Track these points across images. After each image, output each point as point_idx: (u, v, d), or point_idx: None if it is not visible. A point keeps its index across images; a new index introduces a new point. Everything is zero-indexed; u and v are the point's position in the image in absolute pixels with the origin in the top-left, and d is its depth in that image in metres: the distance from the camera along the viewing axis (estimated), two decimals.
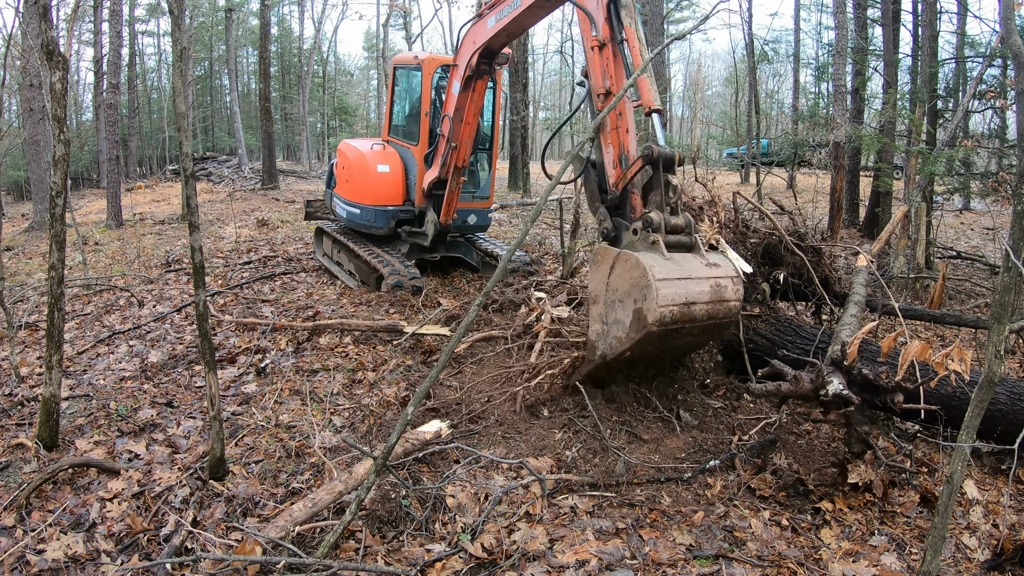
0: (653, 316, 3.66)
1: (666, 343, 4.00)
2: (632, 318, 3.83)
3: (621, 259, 3.93)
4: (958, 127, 10.76)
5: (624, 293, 3.90)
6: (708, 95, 50.53)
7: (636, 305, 3.78)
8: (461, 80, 6.98)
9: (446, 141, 7.41)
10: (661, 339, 3.85)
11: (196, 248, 3.55)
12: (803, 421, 4.63)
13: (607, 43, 4.61)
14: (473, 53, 6.69)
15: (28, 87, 14.23)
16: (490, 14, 6.30)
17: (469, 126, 7.31)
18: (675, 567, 3.11)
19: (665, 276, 3.73)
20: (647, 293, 3.69)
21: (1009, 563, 3.12)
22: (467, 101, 7.12)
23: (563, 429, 4.34)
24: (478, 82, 7.02)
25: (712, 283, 3.92)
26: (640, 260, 3.79)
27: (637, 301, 3.78)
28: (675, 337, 3.92)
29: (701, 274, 3.92)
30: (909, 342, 3.85)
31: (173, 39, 4.02)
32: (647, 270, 3.71)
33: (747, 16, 21.02)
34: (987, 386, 2.55)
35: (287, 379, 5.33)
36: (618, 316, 3.95)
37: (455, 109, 7.18)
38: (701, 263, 4.00)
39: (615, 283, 3.97)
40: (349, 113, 42.03)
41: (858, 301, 5.00)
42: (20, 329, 6.64)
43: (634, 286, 3.81)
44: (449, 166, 7.52)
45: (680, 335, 3.93)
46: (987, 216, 15.44)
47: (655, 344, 3.93)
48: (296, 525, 3.20)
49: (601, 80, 4.62)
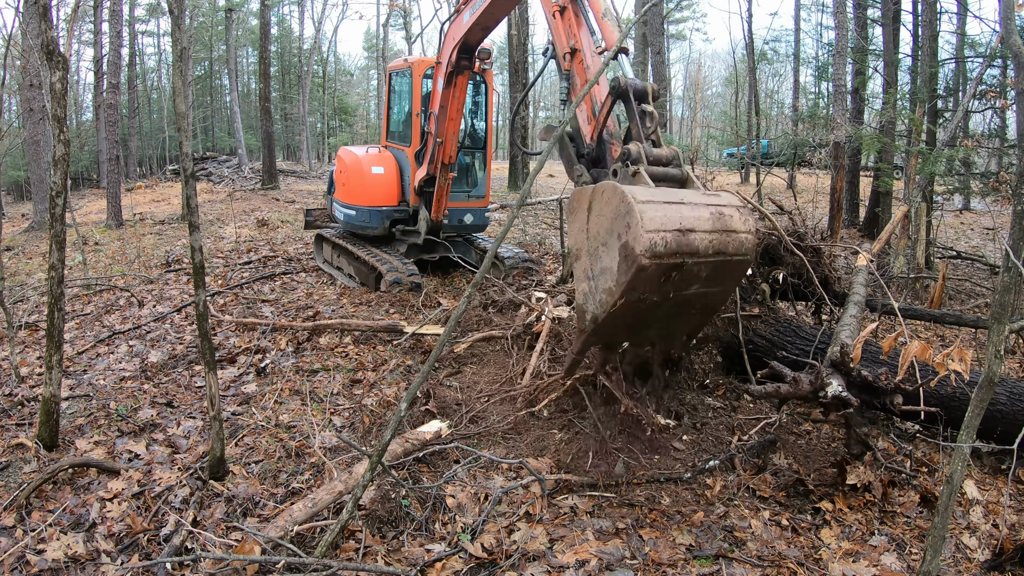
0: (641, 243, 2.96)
1: (667, 289, 3.24)
2: (619, 257, 3.10)
3: (597, 193, 3.28)
4: (958, 127, 10.76)
5: (607, 232, 3.20)
6: (708, 95, 50.55)
7: (620, 240, 3.08)
8: (444, 77, 7.18)
9: (433, 137, 7.57)
10: (659, 280, 3.15)
11: (196, 248, 3.55)
12: (803, 421, 4.63)
13: (567, 6, 4.71)
14: (452, 49, 6.89)
15: (28, 87, 14.23)
16: (465, 9, 6.53)
17: (453, 122, 7.46)
18: (675, 567, 3.11)
19: (649, 199, 3.10)
20: (630, 220, 3.01)
21: (1009, 563, 3.12)
22: (450, 98, 7.28)
23: (563, 429, 4.34)
24: (459, 78, 7.18)
25: (712, 210, 3.26)
26: (617, 186, 3.16)
27: (621, 235, 3.08)
28: (678, 281, 3.20)
29: (697, 200, 3.28)
30: (909, 342, 3.85)
31: (173, 39, 4.03)
32: (626, 192, 3.07)
33: (747, 16, 21.02)
34: (987, 386, 2.55)
35: (287, 379, 5.33)
36: (604, 263, 3.22)
37: (440, 106, 7.37)
38: (696, 192, 3.43)
39: (595, 224, 3.28)
40: (349, 113, 42.04)
41: (858, 301, 5.00)
42: (20, 329, 6.64)
43: (616, 218, 3.12)
44: (436, 162, 7.66)
45: (685, 278, 3.22)
46: (987, 216, 15.44)
47: (653, 288, 3.19)
48: (296, 525, 3.20)
49: (565, 41, 4.66)
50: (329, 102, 38.98)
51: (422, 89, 8.16)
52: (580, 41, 4.50)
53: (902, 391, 3.58)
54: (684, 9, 33.33)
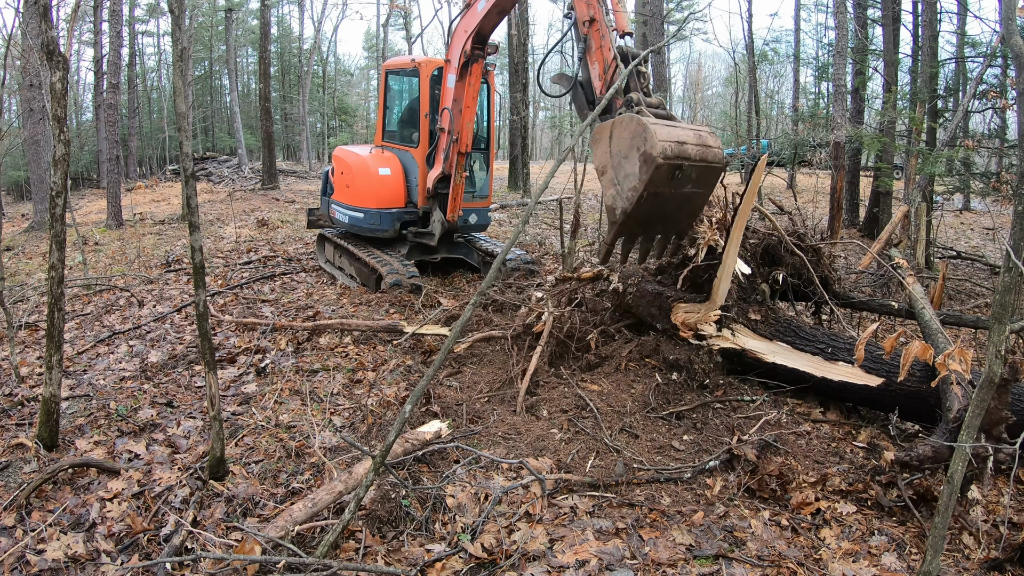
0: (657, 149, 4.21)
1: (673, 187, 4.49)
2: (640, 162, 4.34)
3: (617, 123, 4.55)
4: (958, 127, 10.77)
5: (627, 147, 4.44)
6: (708, 95, 50.57)
7: (640, 151, 4.33)
8: (456, 71, 7.38)
9: (447, 135, 7.62)
10: (668, 179, 4.38)
11: (196, 248, 3.55)
12: (803, 421, 4.62)
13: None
14: (466, 39, 7.16)
15: (28, 87, 14.22)
16: (478, 1, 6.86)
17: (468, 109, 7.58)
18: (675, 567, 3.11)
19: (656, 123, 4.40)
20: (646, 135, 4.27)
21: (1009, 563, 3.12)
22: (464, 87, 7.46)
23: (563, 429, 4.34)
24: (474, 66, 7.40)
25: (694, 133, 4.57)
26: (633, 116, 4.47)
27: (639, 147, 4.33)
28: (679, 179, 4.44)
29: (685, 126, 4.64)
30: (910, 342, 3.85)
31: (173, 39, 4.03)
32: (641, 118, 4.40)
33: (747, 16, 21.01)
34: (987, 386, 2.55)
35: (287, 379, 5.33)
36: (627, 170, 4.45)
37: (453, 100, 7.51)
38: (682, 122, 4.80)
39: (616, 145, 4.54)
40: (349, 113, 42.03)
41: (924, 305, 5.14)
42: (20, 329, 6.64)
43: (634, 136, 4.38)
44: (452, 158, 7.67)
45: (683, 177, 4.45)
46: (987, 216, 15.44)
47: (665, 184, 4.41)
48: (296, 525, 3.20)
49: (585, 10, 5.38)
50: (329, 102, 38.98)
51: (430, 90, 8.02)
52: (598, 13, 5.34)
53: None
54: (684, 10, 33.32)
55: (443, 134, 7.64)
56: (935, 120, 11.55)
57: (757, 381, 5.03)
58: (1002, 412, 3.44)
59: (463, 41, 7.22)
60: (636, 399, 4.58)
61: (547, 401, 4.74)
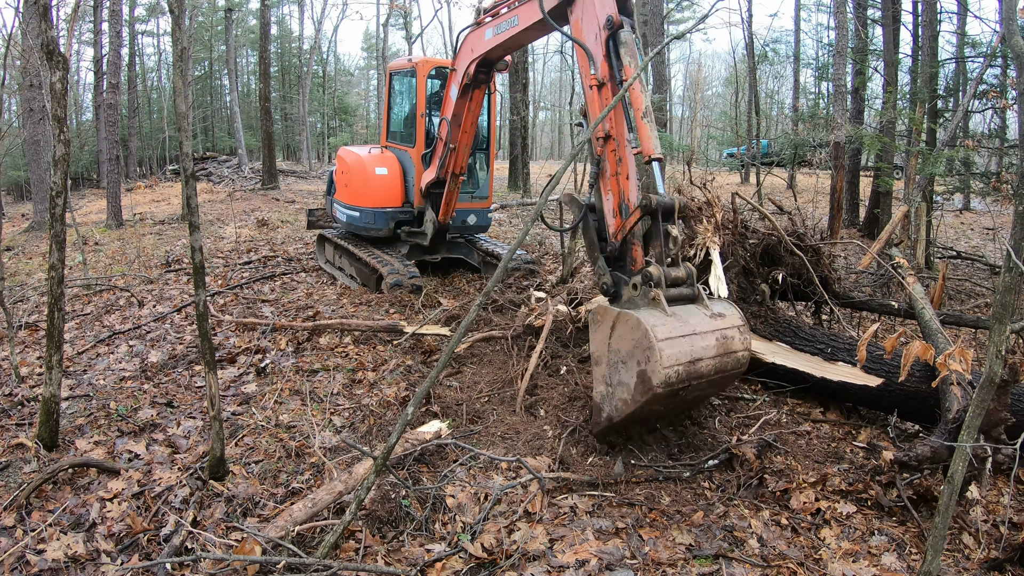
0: (658, 378, 3.52)
1: (674, 401, 3.87)
2: (636, 380, 3.67)
3: (622, 319, 3.75)
4: (958, 127, 10.77)
5: (627, 354, 3.72)
6: (708, 95, 50.52)
7: (640, 367, 3.62)
8: (459, 86, 6.92)
9: (443, 144, 7.41)
10: (668, 398, 3.73)
11: (196, 248, 3.55)
12: (803, 421, 4.63)
13: (606, 82, 4.38)
14: (471, 62, 6.61)
15: (28, 87, 14.22)
16: (488, 25, 6.18)
17: (467, 134, 7.29)
18: (675, 567, 3.11)
19: (668, 335, 3.57)
20: (650, 355, 3.53)
21: (1009, 563, 3.12)
22: (464, 109, 7.06)
23: (554, 426, 4.34)
24: (476, 91, 6.95)
25: (718, 335, 3.77)
26: (641, 320, 3.60)
27: (640, 363, 3.62)
28: (683, 395, 3.80)
29: (706, 327, 3.76)
30: (910, 342, 3.85)
31: (173, 39, 4.03)
32: (649, 331, 3.54)
33: (747, 16, 21.02)
34: (988, 386, 2.55)
35: (287, 379, 5.33)
36: (622, 378, 3.78)
37: (453, 115, 7.15)
38: (705, 315, 3.83)
39: (617, 344, 3.79)
40: (349, 113, 42.01)
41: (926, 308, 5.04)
42: (20, 329, 6.64)
43: (637, 347, 3.63)
44: (447, 169, 7.53)
45: (688, 392, 3.80)
46: (987, 216, 15.43)
47: (662, 403, 3.80)
48: (296, 525, 3.20)
49: (602, 123, 4.36)
50: (329, 102, 38.96)
51: (427, 89, 8.07)
52: (619, 129, 4.30)
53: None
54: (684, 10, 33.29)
55: (440, 142, 7.51)
56: (935, 120, 11.54)
57: (757, 381, 5.04)
58: (1001, 413, 3.45)
59: (468, 62, 6.66)
60: None
61: (545, 401, 4.74)
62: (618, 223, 4.23)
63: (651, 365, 3.53)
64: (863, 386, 4.42)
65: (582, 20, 4.63)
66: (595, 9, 4.43)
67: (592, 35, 4.49)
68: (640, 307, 3.82)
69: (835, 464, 4.05)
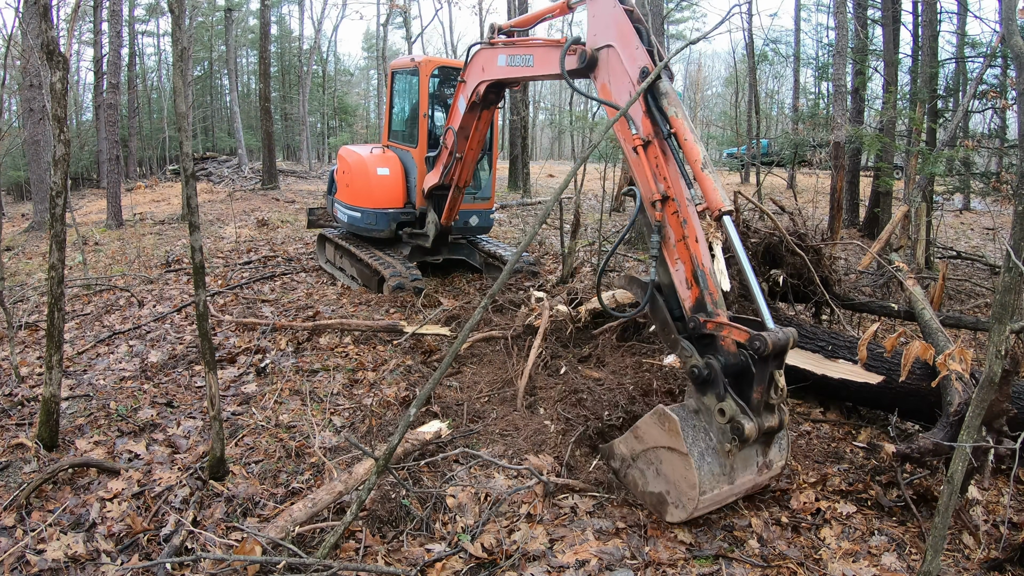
0: (675, 518, 3.43)
1: None
2: (658, 496, 3.54)
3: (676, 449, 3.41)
4: (958, 127, 10.77)
5: (664, 474, 3.50)
6: (708, 95, 50.55)
7: (670, 498, 3.46)
8: (467, 101, 6.65)
9: (449, 153, 7.29)
10: None
11: (196, 248, 3.55)
12: (803, 421, 4.63)
13: (652, 140, 3.89)
14: (481, 83, 6.37)
15: (28, 87, 14.21)
16: (503, 50, 5.93)
17: (473, 151, 7.16)
18: (675, 567, 3.11)
19: (710, 490, 3.33)
20: (684, 501, 3.36)
21: (1009, 563, 3.12)
22: (472, 126, 6.88)
23: (555, 421, 4.34)
24: (485, 112, 6.74)
25: (752, 483, 3.55)
26: (694, 470, 3.28)
27: (671, 494, 3.45)
28: None
29: (748, 482, 3.50)
30: (910, 342, 3.85)
31: (173, 39, 4.03)
32: (697, 485, 3.28)
33: (747, 16, 21.01)
34: (987, 386, 2.55)
35: (287, 379, 5.33)
36: (648, 476, 3.60)
37: (460, 127, 6.94)
38: (755, 464, 3.49)
39: (660, 456, 3.52)
40: (349, 113, 42.00)
41: (927, 312, 5.02)
42: (20, 329, 6.64)
43: (677, 481, 3.40)
44: (451, 178, 7.45)
45: None
46: (987, 216, 15.44)
47: None
48: (296, 525, 3.20)
49: (653, 185, 3.83)
50: (329, 102, 38.95)
51: (429, 89, 8.02)
52: (677, 188, 3.76)
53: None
54: (684, 9, 33.32)
55: (445, 150, 7.39)
56: (935, 120, 11.55)
57: None
58: (1003, 404, 3.44)
59: (478, 81, 6.36)
60: (636, 386, 4.58)
61: (544, 400, 4.74)
62: (694, 294, 3.64)
63: (678, 509, 3.41)
64: (863, 383, 4.42)
65: (610, 83, 4.25)
66: (623, 67, 4.09)
67: (625, 94, 4.11)
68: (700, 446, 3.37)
69: (835, 464, 4.06)
